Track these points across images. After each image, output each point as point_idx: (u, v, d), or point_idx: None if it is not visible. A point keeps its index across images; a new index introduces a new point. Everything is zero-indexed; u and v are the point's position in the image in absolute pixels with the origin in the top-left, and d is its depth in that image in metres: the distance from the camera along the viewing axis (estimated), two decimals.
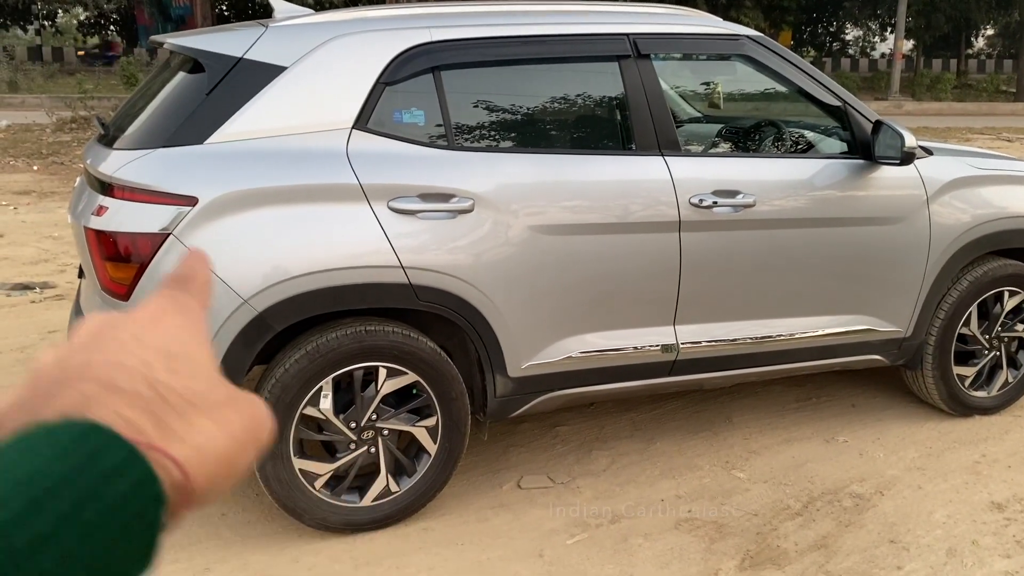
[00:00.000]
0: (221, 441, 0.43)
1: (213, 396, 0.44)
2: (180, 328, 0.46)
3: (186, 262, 0.52)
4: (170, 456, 0.40)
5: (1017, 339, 3.83)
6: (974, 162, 3.69)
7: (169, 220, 2.53)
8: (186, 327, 0.46)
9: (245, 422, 0.45)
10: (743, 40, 3.28)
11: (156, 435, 0.40)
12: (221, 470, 0.42)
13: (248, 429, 0.45)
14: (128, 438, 0.39)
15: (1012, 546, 2.86)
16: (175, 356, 0.44)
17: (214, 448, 0.42)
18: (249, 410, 0.45)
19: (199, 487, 0.41)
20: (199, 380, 0.44)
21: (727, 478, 3.31)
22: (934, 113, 23.11)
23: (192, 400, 0.42)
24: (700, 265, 3.10)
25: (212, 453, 0.42)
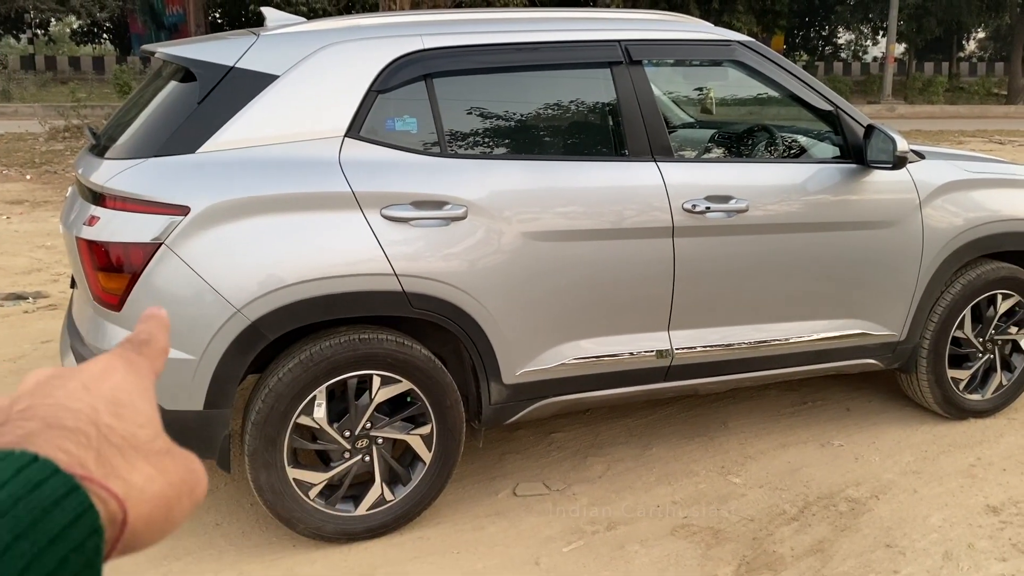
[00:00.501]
0: (159, 485, 0.44)
1: (154, 445, 0.46)
2: (128, 381, 0.48)
3: (145, 326, 0.54)
4: (110, 490, 0.41)
5: (1011, 342, 3.84)
6: (966, 166, 3.70)
7: (161, 230, 2.53)
8: (134, 383, 0.48)
9: (183, 473, 0.47)
10: (734, 46, 3.29)
11: (97, 470, 0.42)
12: (158, 513, 0.44)
13: (185, 481, 0.47)
14: (69, 471, 0.40)
15: (1008, 549, 2.86)
16: (121, 404, 0.46)
17: (152, 490, 0.44)
18: (187, 463, 0.48)
19: (136, 526, 0.42)
20: (142, 429, 0.46)
21: (723, 483, 3.30)
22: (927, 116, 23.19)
23: (134, 444, 0.45)
24: (694, 271, 3.10)
25: (150, 494, 0.44)
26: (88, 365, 0.48)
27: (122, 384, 0.48)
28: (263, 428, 2.68)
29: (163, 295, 2.55)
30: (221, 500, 3.18)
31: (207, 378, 2.60)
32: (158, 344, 0.54)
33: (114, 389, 0.47)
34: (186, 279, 2.55)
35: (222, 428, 2.67)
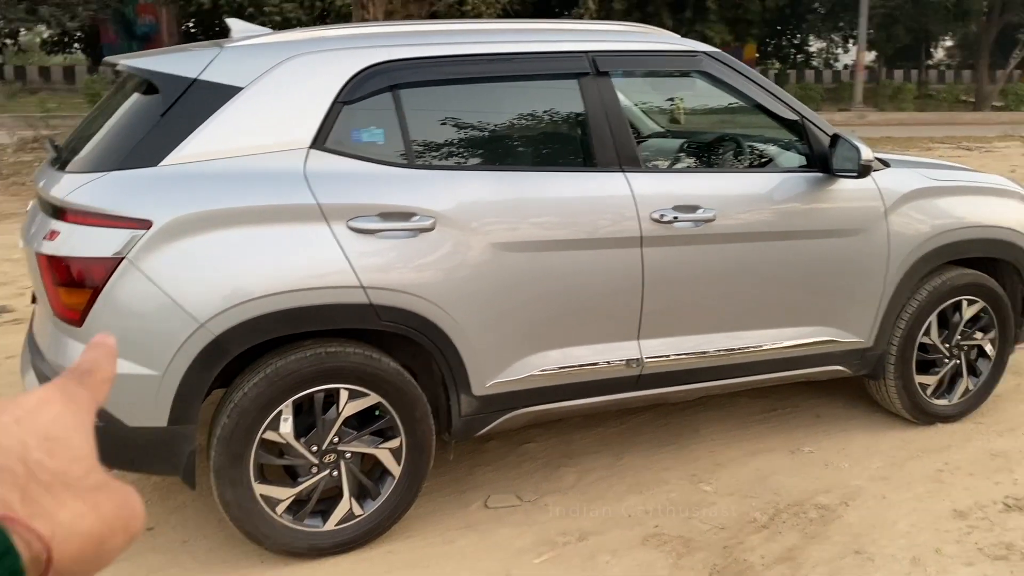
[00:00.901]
0: (90, 522, 0.44)
1: (87, 480, 0.45)
2: (63, 416, 0.47)
3: (90, 354, 0.53)
4: (33, 530, 0.40)
5: (976, 347, 3.88)
6: (931, 173, 3.74)
7: (123, 244, 2.49)
8: (70, 415, 0.47)
9: (117, 508, 0.46)
10: (701, 56, 3.31)
11: (22, 510, 0.41)
12: (88, 550, 0.43)
13: (119, 516, 0.46)
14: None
15: (974, 554, 2.88)
16: (54, 439, 0.45)
17: (82, 528, 0.43)
18: (122, 498, 0.47)
19: (63, 564, 0.41)
20: (75, 464, 0.45)
21: (694, 492, 3.31)
22: (896, 123, 23.49)
23: (65, 481, 0.44)
24: (663, 280, 3.11)
25: (80, 532, 0.43)
26: (23, 398, 0.47)
27: (57, 418, 0.46)
28: (229, 444, 2.65)
29: (125, 310, 2.52)
30: (188, 517, 3.14)
31: (171, 394, 2.56)
32: (102, 374, 0.53)
33: (48, 424, 0.46)
34: (148, 294, 2.52)
35: (187, 444, 2.64)
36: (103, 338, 0.55)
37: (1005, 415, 3.98)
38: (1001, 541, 2.95)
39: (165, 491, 3.32)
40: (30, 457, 0.43)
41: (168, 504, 3.23)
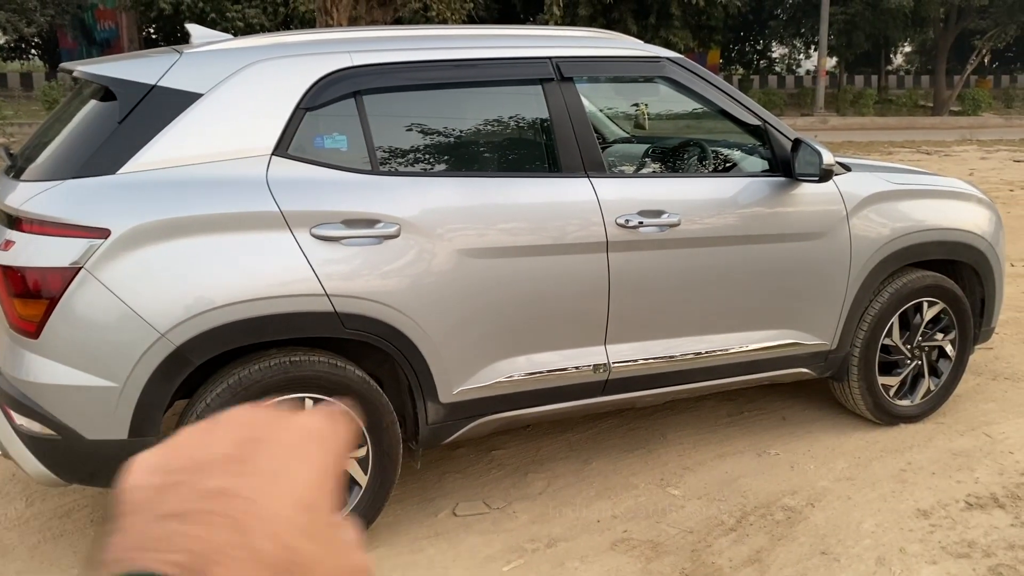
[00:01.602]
0: None
1: (333, 568, 0.37)
2: (322, 472, 0.38)
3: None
4: None
5: (937, 348, 3.94)
6: (891, 177, 3.80)
7: (80, 254, 2.44)
8: (326, 472, 0.39)
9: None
10: (664, 62, 3.33)
11: None
12: None
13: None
14: None
15: (938, 552, 2.92)
16: (311, 510, 0.37)
17: None
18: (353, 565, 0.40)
19: None
20: (327, 549, 0.37)
21: (662, 496, 3.32)
22: (858, 128, 23.88)
23: (313, 569, 0.36)
24: (629, 285, 3.12)
25: None
26: (287, 427, 0.38)
27: (316, 474, 0.38)
28: None
29: (83, 321, 2.47)
30: None
31: (131, 406, 2.51)
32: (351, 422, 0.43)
33: (308, 483, 0.37)
34: (107, 304, 2.47)
35: None
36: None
37: (966, 415, 4.04)
38: (964, 539, 2.99)
39: None
40: (289, 541, 0.34)
41: None
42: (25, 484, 3.38)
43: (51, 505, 3.26)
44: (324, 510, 0.37)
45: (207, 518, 0.33)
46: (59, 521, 3.15)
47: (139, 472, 0.35)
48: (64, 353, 2.48)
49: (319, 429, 0.39)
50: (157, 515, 0.33)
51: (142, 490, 0.34)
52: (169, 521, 0.33)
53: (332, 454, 0.39)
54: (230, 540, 0.32)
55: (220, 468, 0.35)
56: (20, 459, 2.61)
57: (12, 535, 3.05)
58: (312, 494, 0.36)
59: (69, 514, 3.20)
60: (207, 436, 0.37)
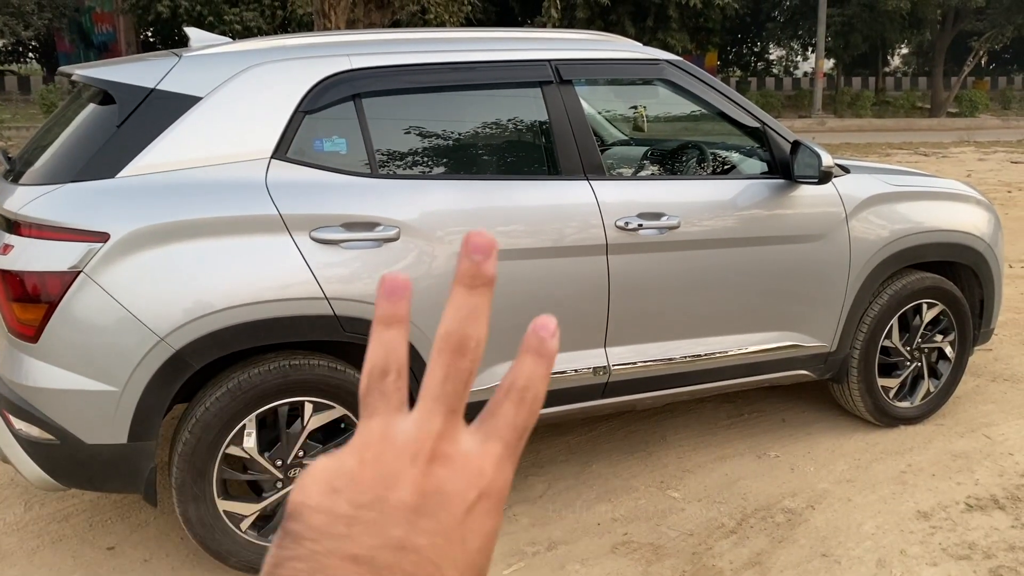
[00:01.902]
0: None
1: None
2: (494, 533, 0.36)
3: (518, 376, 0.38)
4: None
5: (937, 350, 3.94)
6: (890, 179, 3.80)
7: (79, 258, 2.44)
8: (497, 531, 0.36)
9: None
10: (663, 65, 3.33)
11: None
12: None
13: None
14: None
15: (938, 554, 2.92)
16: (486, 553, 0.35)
17: None
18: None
19: None
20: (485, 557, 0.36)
21: (662, 498, 3.31)
22: (855, 129, 23.92)
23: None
24: (628, 287, 3.12)
25: None
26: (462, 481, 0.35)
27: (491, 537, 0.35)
28: (191, 460, 2.60)
29: (82, 325, 2.46)
30: (150, 536, 3.07)
31: (130, 410, 2.51)
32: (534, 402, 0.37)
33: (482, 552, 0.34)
34: (106, 308, 2.46)
35: (148, 461, 2.58)
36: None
37: (965, 416, 4.04)
38: (964, 541, 2.99)
39: (126, 509, 3.25)
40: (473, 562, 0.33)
41: (129, 522, 3.16)
42: (24, 489, 3.37)
43: (50, 510, 3.25)
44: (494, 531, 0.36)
45: (392, 572, 0.32)
46: (58, 525, 3.15)
47: (320, 490, 0.33)
48: (63, 357, 2.48)
49: (494, 490, 0.36)
50: (345, 555, 0.32)
51: (325, 515, 0.33)
52: (358, 566, 0.32)
53: (499, 516, 0.36)
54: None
55: (404, 518, 0.33)
56: (19, 464, 2.61)
57: (11, 540, 3.04)
58: (480, 560, 0.34)
59: (68, 519, 3.19)
60: (386, 470, 0.34)
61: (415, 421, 0.36)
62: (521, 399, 0.37)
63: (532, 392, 0.37)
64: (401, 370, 0.37)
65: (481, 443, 0.36)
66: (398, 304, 0.38)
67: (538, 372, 0.37)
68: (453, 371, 0.36)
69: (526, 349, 0.38)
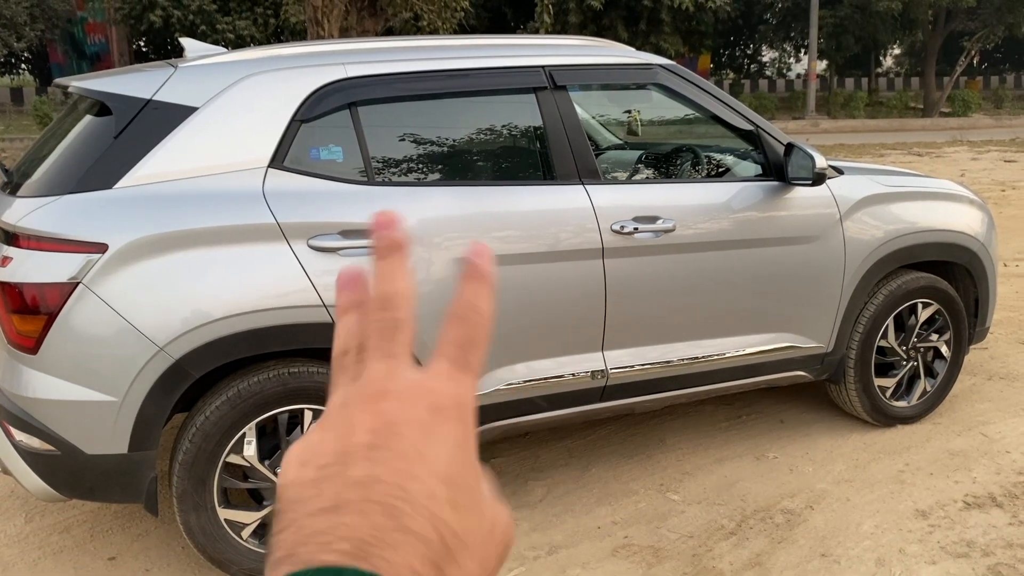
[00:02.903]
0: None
1: (481, 530, 0.37)
2: (462, 439, 0.38)
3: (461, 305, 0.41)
4: None
5: (932, 349, 3.96)
6: (883, 179, 3.82)
7: (78, 269, 2.45)
8: (465, 437, 0.38)
9: (501, 551, 0.39)
10: (656, 69, 3.35)
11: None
12: None
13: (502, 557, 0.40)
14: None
15: (937, 552, 2.93)
16: (457, 485, 0.36)
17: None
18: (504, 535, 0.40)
19: None
20: (473, 514, 0.37)
21: (662, 501, 3.32)
22: (849, 130, 23.98)
23: (466, 540, 0.36)
24: (625, 291, 3.13)
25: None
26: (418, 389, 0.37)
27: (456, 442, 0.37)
28: (191, 468, 2.61)
29: (81, 336, 2.47)
30: (150, 545, 3.08)
31: (131, 420, 2.52)
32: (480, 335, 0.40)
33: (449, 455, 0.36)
34: (106, 318, 2.47)
35: (148, 471, 2.59)
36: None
37: (962, 415, 4.06)
38: (962, 539, 3.01)
39: (127, 519, 3.25)
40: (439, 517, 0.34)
41: (130, 532, 3.16)
42: (24, 500, 3.37)
43: (50, 521, 3.25)
44: (465, 479, 0.37)
45: (360, 507, 0.34)
46: (59, 537, 3.15)
47: (293, 468, 0.36)
48: (63, 368, 2.48)
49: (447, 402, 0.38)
50: (315, 509, 0.34)
51: (298, 486, 0.35)
52: (327, 515, 0.34)
53: (463, 423, 0.38)
54: (384, 524, 0.33)
55: (362, 458, 0.35)
56: (20, 475, 2.61)
57: (12, 551, 3.04)
58: (451, 467, 0.36)
59: (68, 530, 3.19)
60: (343, 425, 0.37)
61: (361, 377, 0.39)
62: (461, 317, 0.40)
63: (472, 310, 0.41)
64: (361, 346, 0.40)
65: (425, 369, 0.39)
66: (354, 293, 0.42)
67: (477, 292, 0.41)
68: (381, 323, 0.39)
69: (463, 276, 0.42)
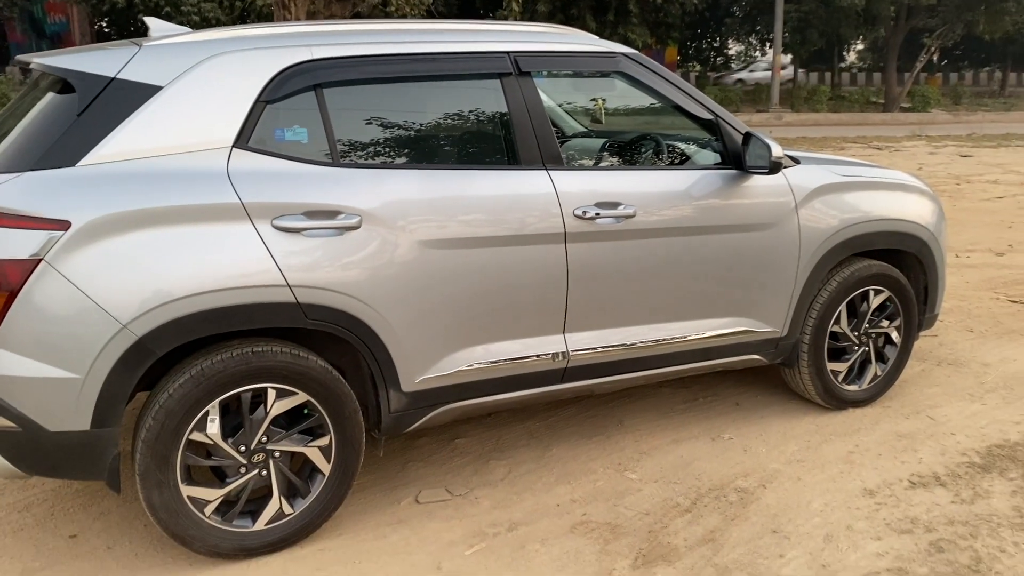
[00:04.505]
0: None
1: None
2: None
3: None
4: None
5: (883, 335, 4.09)
6: (838, 169, 3.92)
7: (40, 246, 2.44)
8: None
9: None
10: (619, 58, 3.41)
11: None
12: None
13: None
14: None
15: (883, 529, 3.05)
16: None
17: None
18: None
19: None
20: None
21: (620, 480, 3.41)
22: (812, 124, 24.31)
23: None
24: (586, 275, 3.20)
25: None
26: None
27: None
28: (154, 446, 2.63)
29: (44, 313, 2.47)
30: (111, 524, 3.09)
31: (93, 397, 2.52)
32: None
33: None
34: (68, 296, 2.47)
35: (111, 448, 2.60)
36: None
37: (910, 399, 4.20)
38: (907, 516, 3.13)
39: (87, 498, 3.26)
40: None
41: (91, 511, 3.17)
42: None
43: (9, 500, 3.25)
44: None
45: None
46: (18, 515, 3.15)
47: None
48: (25, 345, 2.48)
49: None
50: None
51: None
52: None
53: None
54: None
55: None
56: None
57: None
58: None
59: (28, 508, 3.19)
60: None
61: None
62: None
63: None
64: None
65: None
66: None
67: None
68: None
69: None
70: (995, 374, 4.54)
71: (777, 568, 2.82)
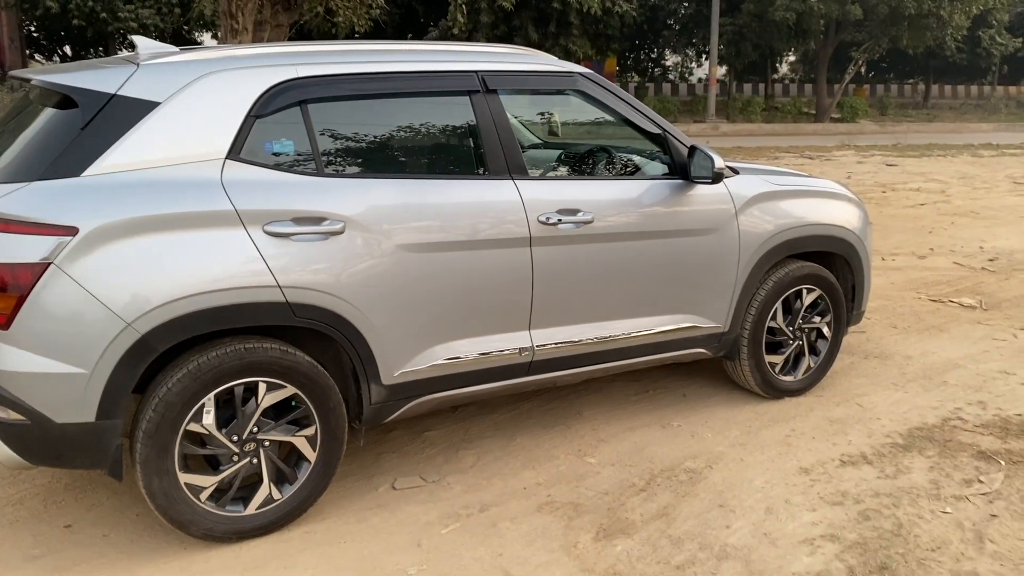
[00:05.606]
0: None
1: None
2: None
3: None
4: None
5: (816, 330, 4.47)
6: (773, 179, 4.29)
7: (50, 250, 2.63)
8: None
9: None
10: (576, 76, 3.73)
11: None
12: None
13: None
14: None
15: (817, 502, 3.39)
16: None
17: None
18: None
19: None
20: None
21: (580, 464, 3.70)
22: (747, 134, 25.11)
23: None
24: (550, 276, 3.49)
25: None
26: None
27: None
28: (154, 436, 2.82)
29: (53, 313, 2.65)
30: (105, 513, 3.26)
31: (99, 390, 2.71)
32: None
33: None
34: (76, 296, 2.66)
35: (114, 438, 2.79)
36: None
37: (841, 388, 4.60)
38: (838, 490, 3.48)
39: (79, 491, 3.42)
40: None
41: (84, 502, 3.33)
42: None
43: (4, 493, 3.39)
44: None
45: None
46: (12, 508, 3.29)
47: None
48: (34, 343, 2.66)
49: None
50: None
51: None
52: None
53: None
54: None
55: None
56: None
57: None
58: None
59: (22, 502, 3.34)
60: None
61: None
62: None
63: None
64: None
65: None
66: None
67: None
68: None
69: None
70: (916, 366, 4.98)
71: (724, 537, 3.13)
